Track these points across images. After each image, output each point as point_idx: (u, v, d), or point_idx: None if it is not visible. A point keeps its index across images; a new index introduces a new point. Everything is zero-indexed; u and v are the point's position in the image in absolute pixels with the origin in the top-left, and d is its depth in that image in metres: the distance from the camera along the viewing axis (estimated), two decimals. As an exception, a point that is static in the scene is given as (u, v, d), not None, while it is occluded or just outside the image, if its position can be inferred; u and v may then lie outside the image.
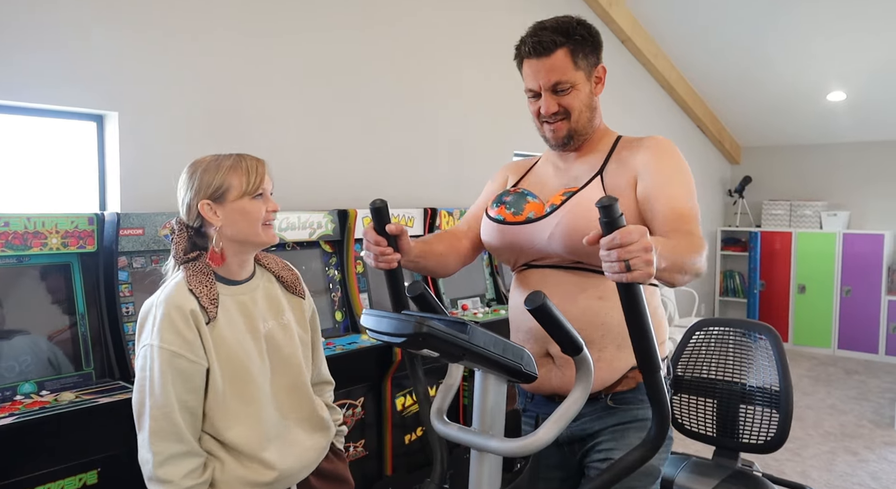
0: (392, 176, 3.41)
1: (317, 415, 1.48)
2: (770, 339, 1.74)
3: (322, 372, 1.60)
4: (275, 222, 1.43)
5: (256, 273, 1.47)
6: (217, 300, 1.34)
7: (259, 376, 1.38)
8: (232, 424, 1.34)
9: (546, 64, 1.36)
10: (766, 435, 1.73)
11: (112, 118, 2.42)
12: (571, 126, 1.40)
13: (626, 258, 0.98)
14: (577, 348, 1.09)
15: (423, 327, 0.96)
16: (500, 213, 1.43)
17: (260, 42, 2.84)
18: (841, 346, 5.91)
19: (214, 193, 1.36)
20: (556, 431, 1.09)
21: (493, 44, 3.85)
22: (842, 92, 5.36)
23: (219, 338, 1.34)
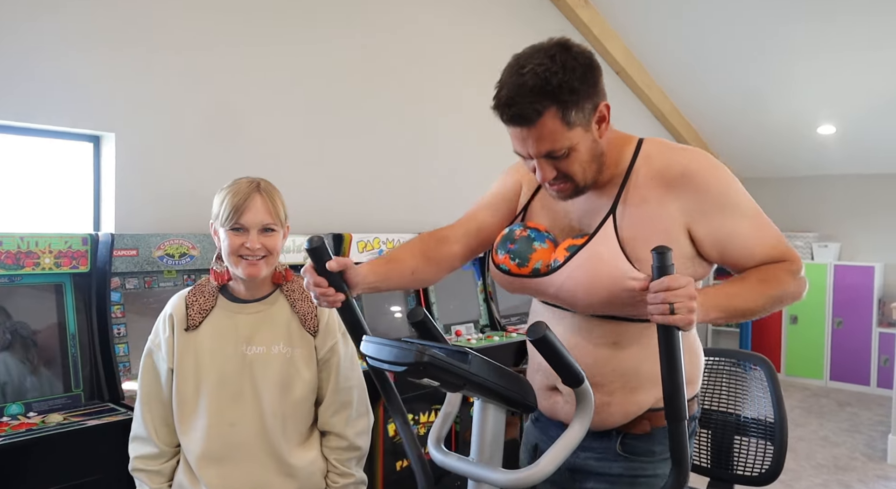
0: (387, 200, 3.42)
1: (279, 457, 1.38)
2: (764, 370, 1.74)
3: (330, 421, 1.46)
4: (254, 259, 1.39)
5: (270, 298, 1.47)
6: (207, 312, 1.40)
7: (221, 392, 1.38)
8: (186, 430, 1.39)
9: (532, 133, 1.14)
10: (760, 467, 1.72)
11: (109, 139, 2.43)
12: (578, 185, 1.22)
13: (672, 301, 1.01)
14: (577, 380, 1.08)
15: (425, 356, 0.95)
16: (505, 263, 1.31)
17: (258, 64, 2.87)
18: (833, 378, 5.90)
19: (214, 218, 1.43)
20: (555, 465, 1.08)
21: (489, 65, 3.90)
22: (832, 125, 5.45)
23: (190, 346, 1.38)
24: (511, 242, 1.32)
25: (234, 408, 1.37)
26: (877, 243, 5.99)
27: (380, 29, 3.40)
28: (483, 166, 3.97)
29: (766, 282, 1.19)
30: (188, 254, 2.33)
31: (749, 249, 1.22)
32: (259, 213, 1.38)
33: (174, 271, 2.32)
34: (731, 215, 1.20)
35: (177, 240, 2.30)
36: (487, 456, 1.12)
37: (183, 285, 2.34)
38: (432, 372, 0.98)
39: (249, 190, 1.39)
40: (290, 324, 1.45)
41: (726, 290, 1.19)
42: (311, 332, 1.45)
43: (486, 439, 1.13)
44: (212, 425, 1.36)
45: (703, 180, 1.21)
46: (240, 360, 1.38)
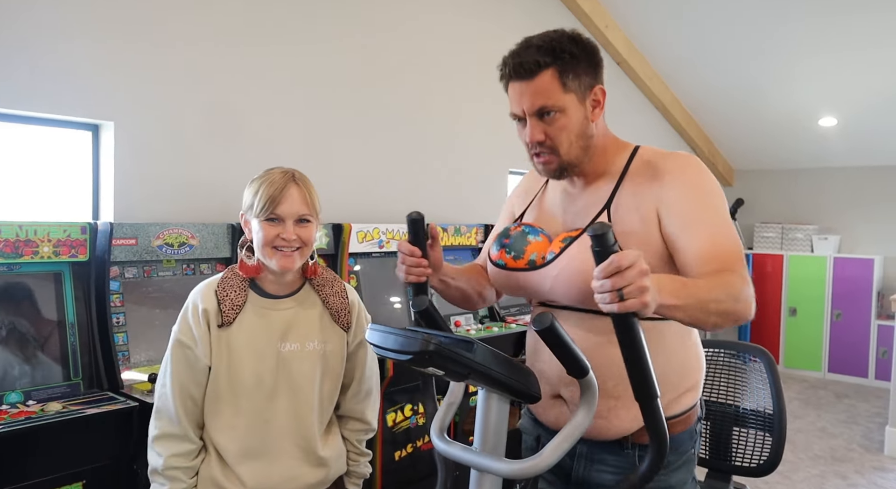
0: (388, 191, 3.41)
1: (312, 450, 1.41)
2: (764, 362, 1.74)
3: (354, 408, 1.51)
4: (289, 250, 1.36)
5: (301, 292, 1.44)
6: (240, 307, 1.36)
7: (260, 392, 1.36)
8: (218, 428, 1.36)
9: (530, 87, 1.20)
10: (759, 458, 1.73)
11: (108, 128, 2.42)
12: (562, 159, 1.24)
13: (620, 286, 0.90)
14: (583, 371, 1.07)
15: (430, 345, 0.94)
16: (501, 258, 1.33)
17: (257, 54, 2.85)
18: (831, 370, 5.92)
19: (248, 208, 1.39)
20: (558, 454, 1.07)
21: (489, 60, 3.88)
22: (833, 118, 5.43)
23: (226, 344, 1.35)
24: (506, 238, 1.35)
25: (270, 406, 1.37)
26: (876, 236, 5.99)
27: (380, 26, 3.38)
28: (482, 158, 3.96)
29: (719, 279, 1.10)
30: (187, 243, 2.32)
31: (695, 239, 1.15)
32: (295, 203, 1.37)
33: (173, 260, 2.31)
34: (696, 203, 1.19)
35: (176, 229, 2.30)
36: (491, 445, 1.12)
37: (182, 275, 2.34)
38: (437, 360, 0.98)
39: (285, 180, 1.38)
40: (322, 320, 1.44)
41: (681, 278, 1.10)
42: (344, 327, 1.46)
43: (489, 429, 1.12)
44: (249, 423, 1.36)
45: (685, 173, 1.23)
46: (275, 358, 1.37)
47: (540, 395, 1.12)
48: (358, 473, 1.55)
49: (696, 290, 1.05)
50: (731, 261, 1.13)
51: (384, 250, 3.02)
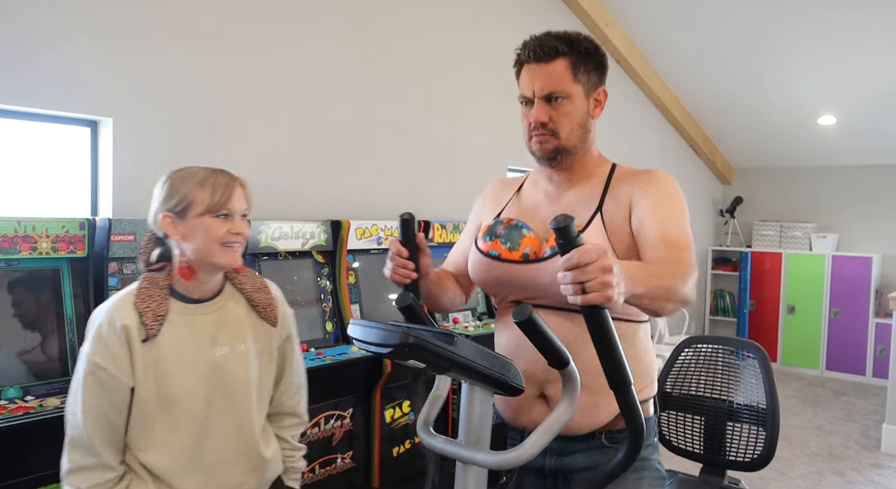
0: (386, 188, 3.42)
1: (256, 453, 1.39)
2: (758, 358, 1.75)
3: (284, 402, 1.49)
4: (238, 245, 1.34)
5: (223, 293, 1.39)
6: (164, 317, 1.28)
7: (191, 404, 1.31)
8: (149, 447, 1.29)
9: (544, 70, 1.29)
10: (752, 453, 1.74)
11: (106, 124, 2.42)
12: (561, 143, 1.31)
13: (582, 280, 0.93)
14: (563, 362, 1.09)
15: (410, 338, 0.95)
16: (495, 248, 1.33)
17: (256, 51, 2.85)
18: (829, 368, 5.93)
19: (177, 206, 1.31)
20: (541, 444, 1.09)
21: (490, 58, 3.89)
22: (832, 116, 5.44)
23: (152, 359, 1.28)
24: (498, 228, 1.36)
25: (208, 415, 1.33)
26: (874, 234, 6.00)
27: (381, 24, 3.38)
28: (482, 155, 3.97)
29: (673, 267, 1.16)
30: (186, 239, 2.33)
31: (657, 225, 1.24)
32: (241, 198, 1.36)
33: (172, 257, 2.32)
34: (659, 200, 1.28)
35: (174, 225, 2.30)
36: (474, 438, 1.13)
37: (180, 271, 2.35)
38: (418, 353, 0.98)
39: (227, 176, 1.36)
40: (249, 318, 1.41)
41: (644, 266, 1.17)
42: (272, 323, 1.43)
43: (473, 422, 1.13)
44: (186, 437, 1.30)
45: (654, 176, 1.32)
46: (207, 365, 1.32)
47: (523, 388, 1.13)
48: (296, 468, 1.53)
49: (659, 278, 1.12)
50: (681, 247, 1.22)
51: (383, 247, 3.03)
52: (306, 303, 2.71)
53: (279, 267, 2.66)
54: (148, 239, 1.38)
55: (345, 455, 2.59)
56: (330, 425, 2.52)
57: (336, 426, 2.54)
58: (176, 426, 1.30)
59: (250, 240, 2.47)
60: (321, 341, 2.69)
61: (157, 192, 1.36)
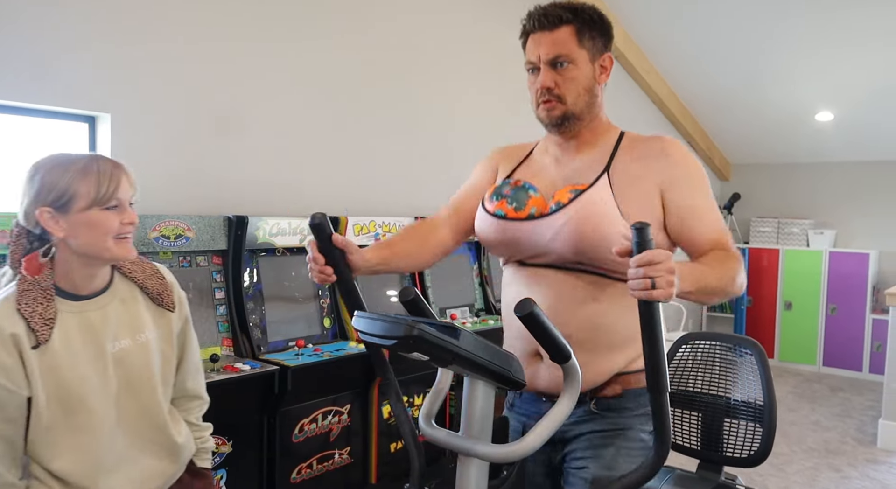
0: (383, 183, 3.42)
1: (170, 441, 1.36)
2: (755, 354, 1.76)
3: (187, 386, 1.45)
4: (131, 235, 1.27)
5: (113, 285, 1.31)
6: (53, 320, 1.19)
7: (97, 403, 1.24)
8: (58, 455, 1.22)
9: (549, 37, 1.32)
10: (749, 449, 1.74)
11: (104, 120, 2.42)
12: (568, 108, 1.34)
13: (653, 276, 1.02)
14: (565, 356, 1.09)
15: (414, 330, 0.96)
16: (501, 208, 1.37)
17: (256, 49, 2.85)
18: (826, 364, 5.95)
19: (57, 201, 1.19)
20: (542, 439, 1.10)
21: (487, 58, 3.88)
22: (830, 112, 5.44)
23: (48, 365, 1.19)
24: (505, 188, 1.40)
25: (115, 412, 1.27)
26: (872, 231, 6.01)
27: (379, 22, 3.37)
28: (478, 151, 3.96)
29: (724, 265, 1.23)
30: (183, 235, 2.33)
31: (704, 227, 1.30)
32: (127, 187, 1.26)
33: (170, 252, 2.32)
34: (696, 191, 1.33)
35: (172, 221, 2.30)
36: (476, 431, 1.14)
37: (179, 267, 2.35)
38: (421, 346, 0.99)
39: (109, 163, 1.25)
40: (146, 307, 1.34)
41: (696, 266, 1.23)
42: (169, 309, 1.37)
43: (474, 415, 1.14)
44: (96, 438, 1.25)
45: (677, 156, 1.35)
46: (108, 361, 1.26)
47: (525, 382, 1.14)
48: (206, 449, 1.50)
49: (708, 278, 1.19)
50: (728, 244, 1.29)
51: (380, 243, 3.03)
52: (304, 299, 2.71)
53: (277, 263, 2.66)
54: (18, 235, 1.25)
55: (342, 451, 2.59)
56: (328, 421, 2.52)
57: (334, 422, 2.55)
58: (84, 428, 1.23)
59: (248, 236, 2.47)
60: (319, 337, 2.69)
61: (27, 185, 1.22)
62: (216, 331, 2.40)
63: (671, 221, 1.32)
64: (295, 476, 2.42)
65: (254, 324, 2.47)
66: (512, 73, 1.43)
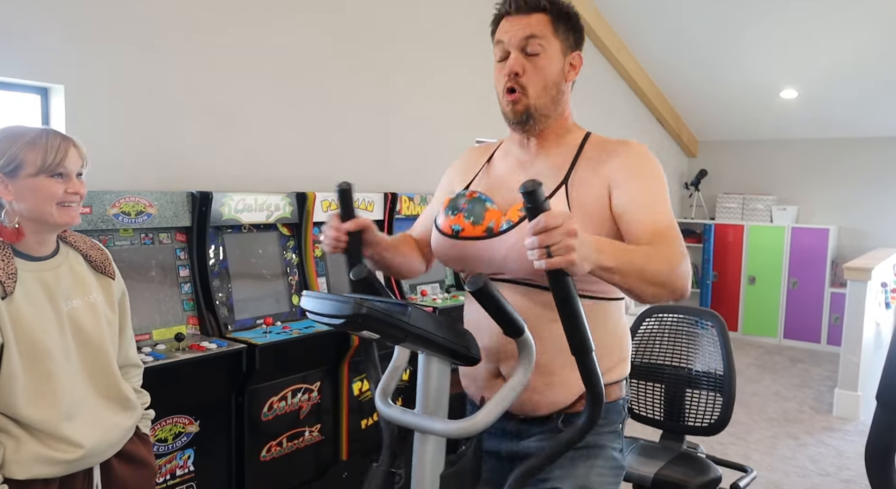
0: (353, 160, 3.38)
1: (123, 396, 1.46)
2: (716, 326, 1.80)
3: (129, 355, 1.56)
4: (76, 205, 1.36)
5: (61, 250, 1.43)
6: (15, 275, 1.30)
7: (59, 354, 1.34)
8: (28, 401, 1.30)
9: (524, 20, 1.28)
10: (710, 418, 1.79)
11: (58, 91, 2.33)
12: (531, 102, 1.28)
13: (548, 243, 0.95)
14: (518, 330, 1.09)
15: (363, 308, 0.95)
16: (458, 223, 1.31)
17: (216, 20, 2.76)
18: (787, 336, 6.13)
19: (5, 167, 1.30)
20: (497, 412, 1.09)
21: (456, 30, 3.83)
22: (794, 90, 5.53)
23: (15, 314, 1.29)
24: (463, 202, 1.33)
25: (73, 364, 1.37)
26: (832, 207, 6.17)
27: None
28: (450, 127, 3.94)
29: (659, 251, 1.15)
30: (145, 211, 2.27)
31: (643, 217, 1.21)
32: (76, 158, 1.36)
33: (130, 230, 2.27)
34: (641, 185, 1.25)
35: (133, 197, 2.24)
36: (432, 408, 1.14)
37: (140, 244, 2.30)
38: (371, 324, 0.98)
39: (59, 136, 1.35)
40: (90, 273, 1.46)
41: (622, 244, 1.16)
42: (111, 277, 1.50)
43: (430, 392, 1.14)
44: (60, 386, 1.34)
45: (633, 153, 1.29)
46: (64, 317, 1.36)
47: (479, 357, 1.13)
48: (148, 414, 1.59)
49: (635, 257, 1.10)
50: (671, 237, 1.19)
51: (349, 220, 3.01)
52: (272, 276, 2.68)
53: (243, 239, 2.62)
54: None
55: (313, 428, 2.59)
56: (297, 399, 2.52)
57: (304, 399, 2.54)
58: (48, 376, 1.32)
59: (213, 212, 2.43)
60: (287, 315, 2.67)
61: None
62: (181, 309, 2.36)
63: (616, 219, 1.25)
64: (265, 454, 2.41)
65: (220, 302, 2.44)
66: (490, 50, 1.39)
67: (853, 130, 5.89)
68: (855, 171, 6.03)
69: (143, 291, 2.24)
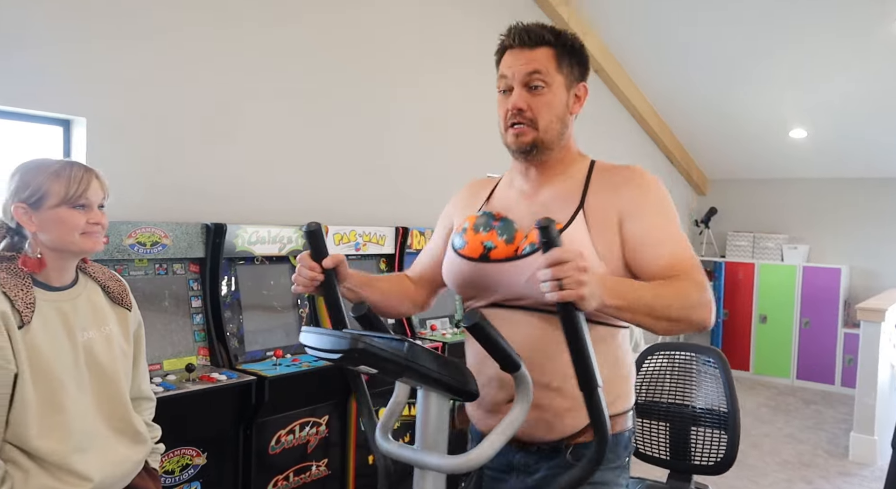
0: (363, 193, 3.42)
1: (133, 429, 1.46)
2: (718, 363, 1.79)
3: (142, 388, 1.57)
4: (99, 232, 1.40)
5: (80, 281, 1.45)
6: (33, 305, 1.31)
7: (72, 385, 1.34)
8: (39, 433, 1.30)
9: (528, 55, 1.27)
10: (716, 455, 1.77)
11: (80, 123, 2.39)
12: (539, 136, 1.27)
13: (560, 276, 0.98)
14: (515, 366, 1.10)
15: (360, 343, 0.96)
16: (491, 240, 1.28)
17: (233, 56, 2.84)
18: (800, 377, 6.04)
19: (31, 197, 1.34)
20: (496, 447, 1.09)
21: (465, 64, 3.91)
22: (803, 130, 5.56)
23: (31, 345, 1.30)
24: (494, 220, 1.32)
25: (86, 396, 1.38)
26: (843, 246, 6.14)
27: (362, 23, 3.39)
28: (461, 162, 3.98)
29: (670, 285, 1.14)
30: (160, 242, 2.30)
31: (656, 252, 1.20)
32: (97, 190, 1.41)
33: (145, 260, 2.29)
34: (652, 217, 1.24)
35: (149, 228, 2.28)
36: (431, 443, 1.13)
37: (155, 274, 2.32)
38: (368, 359, 0.99)
39: (82, 168, 1.39)
40: (108, 304, 1.48)
41: (630, 281, 1.16)
42: (127, 308, 1.51)
43: (429, 427, 1.13)
44: (72, 418, 1.34)
45: (638, 183, 1.28)
46: (79, 349, 1.38)
47: (478, 393, 1.12)
48: (157, 449, 1.59)
49: (644, 294, 1.11)
50: (687, 269, 1.19)
51: (361, 253, 3.03)
52: (282, 308, 2.70)
53: (255, 271, 2.64)
54: None
55: (320, 462, 2.57)
56: (305, 432, 2.50)
57: (311, 433, 2.52)
58: (61, 408, 1.32)
59: (226, 244, 2.46)
60: (297, 347, 2.67)
61: (8, 184, 1.37)
62: (192, 340, 2.37)
63: (626, 252, 1.24)
64: (271, 488, 2.39)
65: (231, 333, 2.45)
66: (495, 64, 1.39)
67: (865, 170, 5.90)
68: (867, 210, 6.02)
69: (155, 321, 2.25)
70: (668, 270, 1.18)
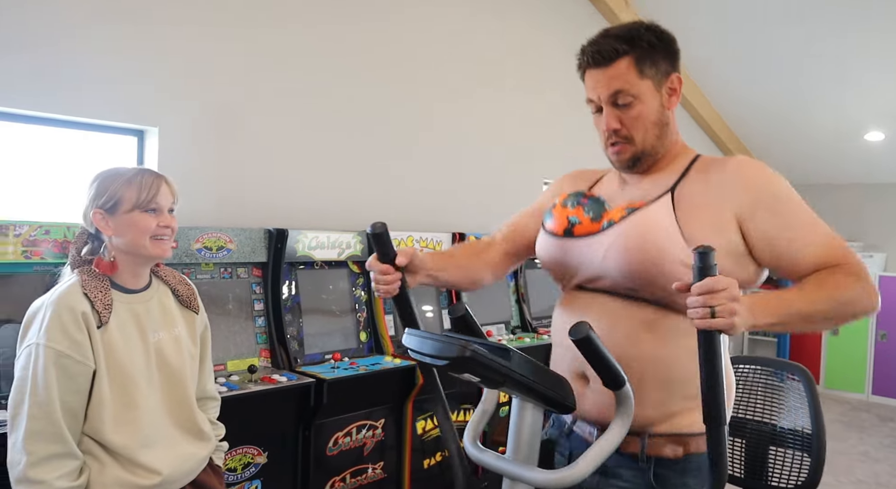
0: (421, 199, 3.44)
1: (198, 427, 1.51)
2: (803, 381, 1.69)
3: (207, 388, 1.63)
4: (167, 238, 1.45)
5: (152, 284, 1.51)
6: (111, 306, 1.38)
7: (144, 383, 1.41)
8: (113, 427, 1.36)
9: (606, 74, 1.22)
10: (796, 479, 1.67)
11: (152, 133, 2.49)
12: (637, 149, 1.25)
13: (713, 305, 0.96)
14: (619, 382, 1.06)
15: (467, 351, 0.94)
16: (577, 215, 1.28)
17: (294, 73, 2.90)
18: (875, 392, 5.71)
19: (107, 203, 1.41)
20: (592, 466, 1.06)
21: (524, 71, 3.88)
22: (880, 132, 5.28)
23: (108, 343, 1.36)
24: (583, 197, 1.32)
25: (155, 394, 1.44)
26: (925, 254, 5.79)
27: (406, 29, 3.42)
28: (518, 168, 3.95)
29: (823, 285, 1.12)
30: (225, 247, 2.37)
31: (801, 250, 1.16)
32: (167, 194, 1.46)
33: (211, 264, 2.37)
34: (783, 213, 1.19)
35: (215, 233, 2.35)
36: (524, 455, 1.11)
37: (220, 278, 2.39)
38: (474, 367, 0.98)
39: (152, 175, 1.45)
40: (177, 307, 1.54)
41: (780, 294, 1.12)
42: (195, 311, 1.58)
43: (522, 438, 1.11)
44: (142, 414, 1.40)
45: (752, 177, 1.22)
46: (150, 349, 1.44)
47: (574, 406, 1.10)
48: (221, 447, 1.64)
49: (795, 303, 1.09)
50: (838, 257, 1.16)
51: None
52: (341, 312, 2.73)
53: (315, 276, 2.68)
54: (80, 234, 1.46)
55: (376, 465, 2.59)
56: (362, 435, 2.52)
57: (368, 436, 2.55)
58: (133, 404, 1.38)
59: (288, 249, 2.51)
60: (355, 351, 2.70)
61: (88, 192, 1.44)
62: (254, 342, 2.43)
63: (760, 253, 1.20)
64: (328, 489, 2.42)
65: (291, 336, 2.50)
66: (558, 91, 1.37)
67: (947, 174, 5.55)
68: (950, 217, 5.66)
69: (219, 323, 2.32)
70: (820, 263, 1.15)
